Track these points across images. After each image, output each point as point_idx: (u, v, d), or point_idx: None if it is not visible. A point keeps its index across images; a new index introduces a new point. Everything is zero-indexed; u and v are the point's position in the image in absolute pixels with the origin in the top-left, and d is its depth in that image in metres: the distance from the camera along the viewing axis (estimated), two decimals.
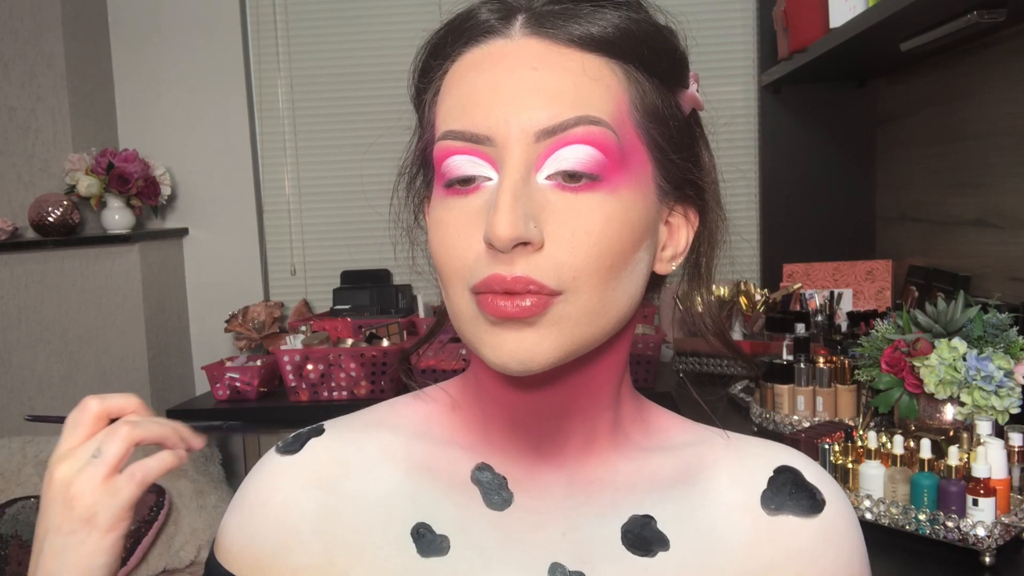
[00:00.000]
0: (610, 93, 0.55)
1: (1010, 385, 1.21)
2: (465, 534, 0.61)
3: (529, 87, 0.54)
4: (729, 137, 2.74)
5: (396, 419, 0.67)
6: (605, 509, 0.62)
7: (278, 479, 0.64)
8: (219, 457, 2.51)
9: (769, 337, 2.07)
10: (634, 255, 0.56)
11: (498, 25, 0.56)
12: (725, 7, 2.72)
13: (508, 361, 0.53)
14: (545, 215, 0.53)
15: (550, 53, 0.55)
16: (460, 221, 0.55)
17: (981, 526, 1.08)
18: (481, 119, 0.54)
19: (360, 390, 2.33)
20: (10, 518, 2.15)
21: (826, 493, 0.63)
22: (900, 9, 1.54)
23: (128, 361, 2.57)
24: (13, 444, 2.35)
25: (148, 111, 2.82)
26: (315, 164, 2.86)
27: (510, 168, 0.53)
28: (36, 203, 2.53)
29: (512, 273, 0.52)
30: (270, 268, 2.91)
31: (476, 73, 0.56)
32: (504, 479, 0.63)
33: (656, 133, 0.58)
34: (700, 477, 0.63)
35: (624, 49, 0.56)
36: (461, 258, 0.55)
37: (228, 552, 0.64)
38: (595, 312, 0.55)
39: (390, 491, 0.63)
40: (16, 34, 2.58)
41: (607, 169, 0.54)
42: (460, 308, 0.56)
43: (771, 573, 0.61)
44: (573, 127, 0.53)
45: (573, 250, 0.53)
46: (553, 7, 0.56)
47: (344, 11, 2.80)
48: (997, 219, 1.87)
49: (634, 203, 0.56)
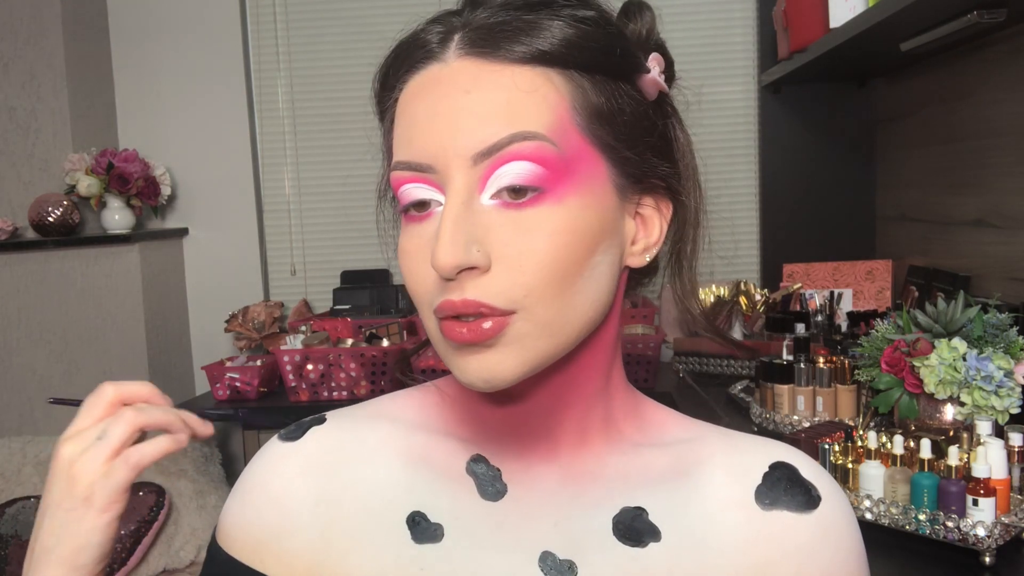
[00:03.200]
0: (547, 103, 0.55)
1: (1010, 385, 1.21)
2: (459, 523, 0.62)
3: (463, 111, 0.55)
4: (729, 137, 2.75)
5: (396, 411, 0.69)
6: (597, 501, 0.63)
7: (279, 464, 0.66)
8: (219, 457, 2.52)
9: (769, 337, 2.08)
10: (589, 261, 0.56)
11: (436, 49, 0.57)
12: (725, 8, 2.73)
13: (474, 380, 0.56)
14: (491, 237, 0.54)
15: (482, 73, 0.55)
16: (418, 248, 0.57)
17: (981, 526, 1.08)
18: (421, 148, 0.56)
19: (360, 390, 2.34)
20: (10, 518, 2.15)
21: (822, 490, 0.63)
22: (900, 9, 1.54)
23: (128, 361, 2.58)
24: (13, 444, 2.36)
25: (148, 111, 2.83)
26: (315, 164, 2.87)
27: (452, 194, 0.55)
28: (36, 203, 2.54)
29: (463, 297, 0.54)
30: (270, 268, 2.93)
31: (416, 101, 0.57)
32: (498, 471, 0.64)
33: (604, 133, 0.58)
34: (694, 471, 0.63)
35: (560, 57, 0.56)
36: (423, 284, 0.56)
37: (228, 535, 0.66)
38: (554, 324, 0.56)
39: (387, 480, 0.64)
40: (16, 34, 2.59)
41: (549, 181, 0.54)
42: (430, 330, 0.58)
43: (766, 570, 0.61)
44: (508, 145, 0.54)
45: (521, 268, 0.54)
46: (489, 20, 0.57)
47: (343, 12, 2.81)
48: (997, 219, 1.87)
49: (583, 209, 0.56)
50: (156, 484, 2.21)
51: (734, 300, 2.27)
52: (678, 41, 2.70)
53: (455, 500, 0.63)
